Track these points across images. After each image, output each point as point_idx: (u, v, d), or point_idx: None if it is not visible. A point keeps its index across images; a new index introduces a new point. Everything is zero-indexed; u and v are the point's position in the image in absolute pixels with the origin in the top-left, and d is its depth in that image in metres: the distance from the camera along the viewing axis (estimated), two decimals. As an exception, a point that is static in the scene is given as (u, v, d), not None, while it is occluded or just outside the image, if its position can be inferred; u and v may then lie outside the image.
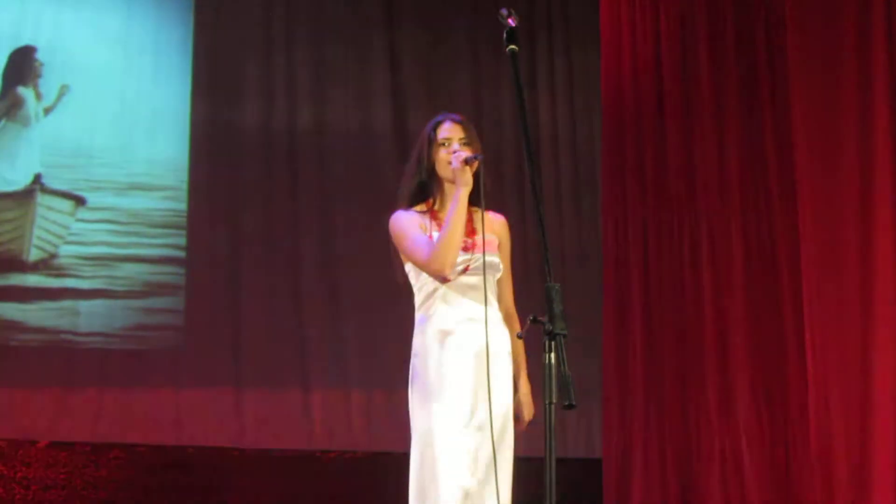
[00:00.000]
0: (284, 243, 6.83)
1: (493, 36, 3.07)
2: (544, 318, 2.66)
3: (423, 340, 3.43)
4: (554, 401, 2.61)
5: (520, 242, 6.83)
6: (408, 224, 3.45)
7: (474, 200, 3.41)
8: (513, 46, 2.91)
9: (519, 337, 3.38)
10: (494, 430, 3.27)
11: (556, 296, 2.68)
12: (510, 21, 2.92)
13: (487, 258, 3.39)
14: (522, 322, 2.74)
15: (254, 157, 6.90)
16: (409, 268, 3.51)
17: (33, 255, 6.51)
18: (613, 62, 6.25)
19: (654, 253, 6.10)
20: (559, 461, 2.61)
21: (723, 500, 5.80)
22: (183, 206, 6.76)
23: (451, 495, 3.25)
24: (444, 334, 3.39)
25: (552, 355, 2.64)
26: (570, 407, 2.58)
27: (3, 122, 6.66)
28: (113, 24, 6.84)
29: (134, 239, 6.68)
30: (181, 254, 6.73)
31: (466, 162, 3.34)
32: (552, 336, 2.64)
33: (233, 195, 6.84)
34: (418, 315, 3.48)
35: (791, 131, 5.68)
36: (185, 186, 6.77)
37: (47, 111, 6.68)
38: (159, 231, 6.72)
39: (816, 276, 5.44)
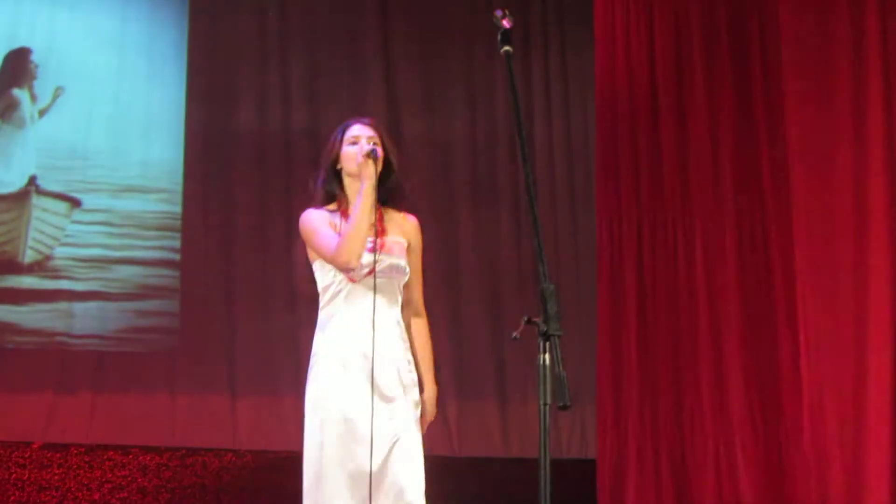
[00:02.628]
0: (278, 246, 6.83)
1: (487, 37, 3.08)
2: (539, 319, 2.67)
3: (323, 339, 3.45)
4: (548, 402, 2.62)
5: (514, 243, 6.91)
6: (318, 221, 3.48)
7: (387, 201, 3.49)
8: (507, 48, 2.92)
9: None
10: (384, 435, 3.30)
11: (551, 296, 2.67)
12: (505, 23, 2.92)
13: (393, 261, 3.46)
14: (517, 324, 2.73)
15: (248, 160, 6.91)
16: (316, 266, 3.52)
17: (28, 256, 6.51)
18: (607, 62, 6.25)
19: (648, 253, 6.10)
20: (553, 462, 2.61)
21: (717, 501, 5.80)
22: (177, 208, 6.77)
23: None
24: (342, 336, 3.41)
25: (547, 356, 2.64)
26: (565, 408, 2.57)
27: (-1, 123, 6.67)
28: (108, 27, 6.85)
29: (128, 241, 6.68)
30: (175, 256, 6.73)
31: (369, 156, 3.38)
32: (547, 337, 2.64)
33: (227, 198, 6.84)
34: (321, 315, 3.50)
35: (785, 131, 5.69)
36: (179, 189, 6.77)
37: (42, 113, 6.68)
38: (154, 233, 6.72)
39: (811, 275, 5.44)
